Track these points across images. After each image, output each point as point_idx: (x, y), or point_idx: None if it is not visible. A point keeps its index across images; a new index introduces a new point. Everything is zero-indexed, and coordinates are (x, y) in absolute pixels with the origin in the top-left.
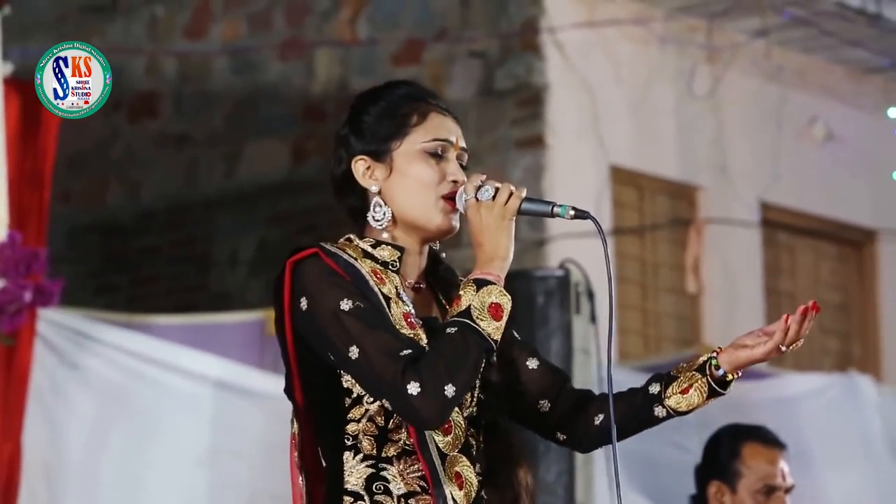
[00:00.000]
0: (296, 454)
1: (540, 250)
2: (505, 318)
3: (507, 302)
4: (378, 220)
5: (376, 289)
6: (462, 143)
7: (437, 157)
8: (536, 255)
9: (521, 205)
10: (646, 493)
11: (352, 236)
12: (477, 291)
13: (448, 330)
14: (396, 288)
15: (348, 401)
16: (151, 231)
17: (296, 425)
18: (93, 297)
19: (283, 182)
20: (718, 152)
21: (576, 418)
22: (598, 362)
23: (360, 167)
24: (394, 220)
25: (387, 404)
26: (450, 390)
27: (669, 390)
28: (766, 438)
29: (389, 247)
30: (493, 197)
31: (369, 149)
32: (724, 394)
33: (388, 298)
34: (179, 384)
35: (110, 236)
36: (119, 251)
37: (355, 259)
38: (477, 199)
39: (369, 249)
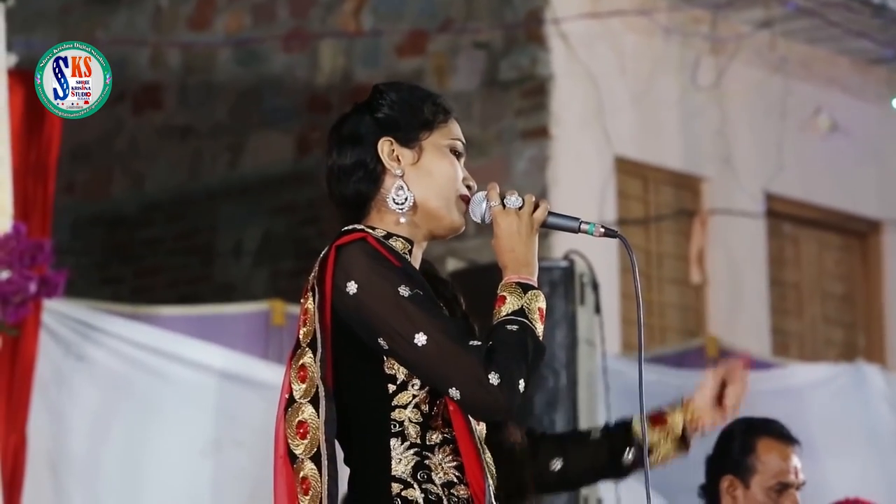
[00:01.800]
0: (301, 441)
1: (544, 241)
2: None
3: (545, 306)
4: (399, 204)
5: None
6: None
7: (456, 158)
8: (541, 246)
9: (547, 217)
10: (651, 484)
11: (360, 226)
12: (524, 294)
13: (509, 326)
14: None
15: (392, 387)
16: (155, 222)
17: (308, 411)
18: (97, 288)
19: (288, 173)
20: (723, 143)
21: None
22: (602, 353)
23: (387, 148)
24: (414, 206)
25: (454, 393)
26: (522, 385)
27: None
28: (780, 434)
29: (401, 239)
30: (521, 206)
31: (397, 133)
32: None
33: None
34: (184, 375)
35: (114, 228)
36: (123, 242)
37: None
38: (504, 206)
39: (383, 240)
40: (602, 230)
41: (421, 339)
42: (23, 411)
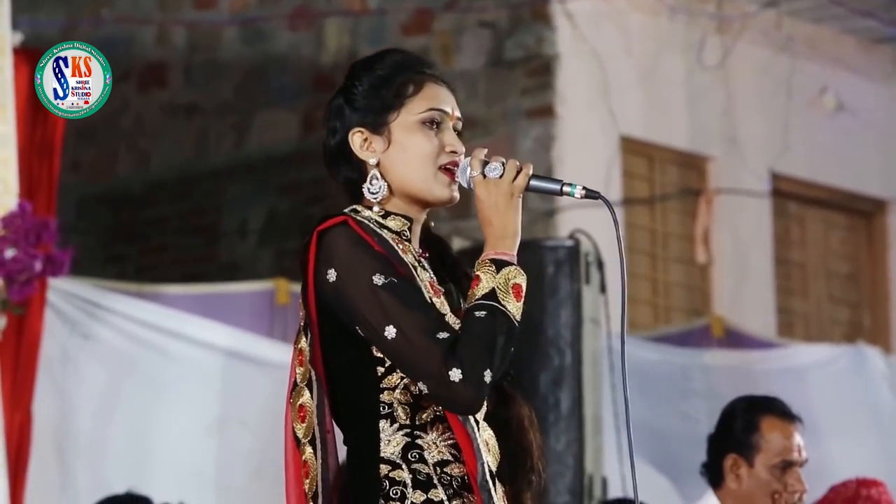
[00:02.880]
0: (301, 425)
1: (550, 220)
2: (523, 299)
3: (524, 281)
4: (374, 194)
5: (405, 259)
6: (457, 113)
7: (434, 127)
8: (546, 225)
9: (529, 182)
10: (654, 463)
11: (358, 207)
12: (498, 272)
13: (477, 313)
14: (414, 255)
15: (381, 369)
16: (161, 201)
17: (306, 395)
18: (102, 266)
19: (293, 152)
20: (728, 123)
21: None
22: (607, 332)
23: (358, 140)
24: (390, 192)
25: (422, 387)
26: (488, 375)
27: None
28: (783, 412)
29: (400, 217)
30: (502, 174)
31: (366, 121)
32: None
33: (414, 267)
34: (189, 353)
35: (120, 206)
36: (128, 221)
37: (378, 228)
38: (484, 176)
39: (380, 220)
40: (583, 192)
41: (391, 331)
42: (28, 389)
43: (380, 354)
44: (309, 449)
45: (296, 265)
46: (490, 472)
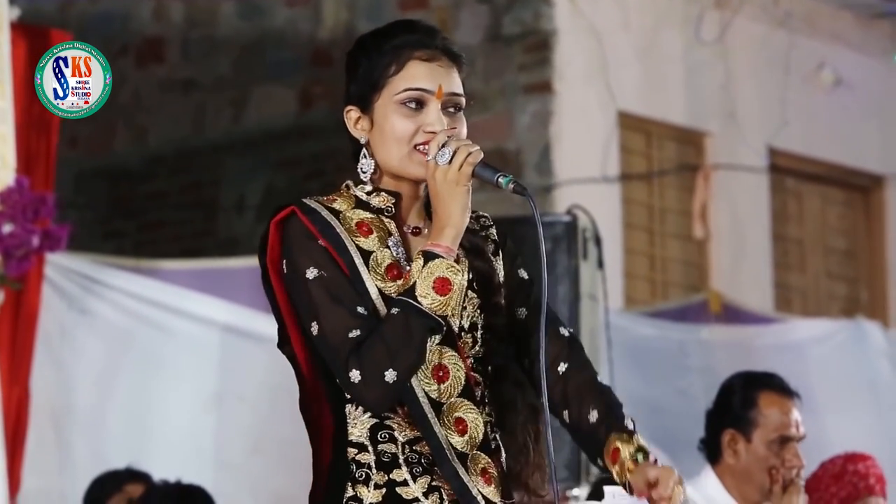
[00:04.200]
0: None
1: (547, 196)
2: (454, 292)
3: (454, 274)
4: (364, 172)
5: (352, 246)
6: (451, 89)
7: (416, 107)
8: (543, 200)
9: (474, 170)
10: (651, 439)
11: (349, 183)
12: (424, 265)
13: (392, 310)
14: (388, 235)
15: None
16: (158, 176)
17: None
18: (100, 242)
19: (290, 127)
20: (726, 98)
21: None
22: (605, 308)
23: (352, 117)
24: (379, 171)
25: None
26: (390, 375)
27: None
28: (781, 387)
29: (384, 193)
30: (450, 161)
31: (357, 100)
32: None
33: (368, 252)
34: (187, 328)
35: (117, 181)
36: (126, 196)
37: (340, 213)
38: (436, 163)
39: (364, 197)
40: (513, 185)
41: (314, 328)
42: (26, 365)
43: None
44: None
45: None
46: (458, 452)
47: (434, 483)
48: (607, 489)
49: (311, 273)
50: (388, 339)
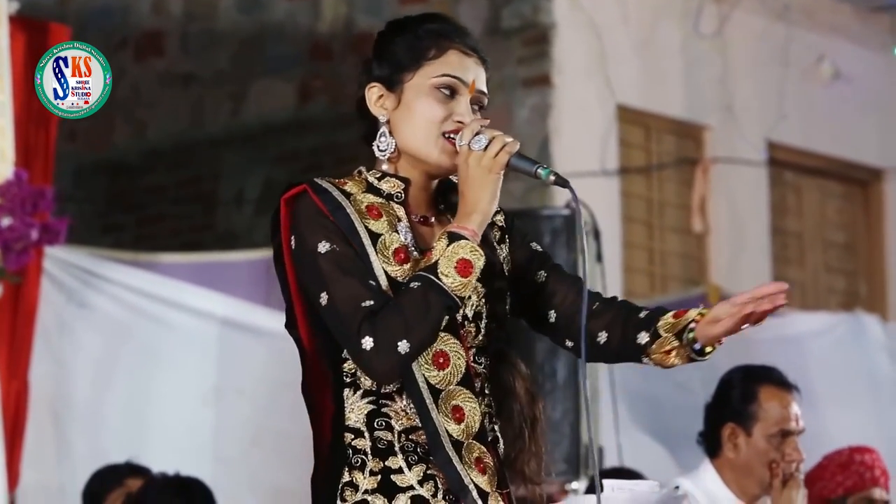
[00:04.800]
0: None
1: (546, 189)
2: (474, 275)
3: (477, 258)
4: (382, 151)
5: (362, 228)
6: (480, 87)
7: (449, 95)
8: (543, 194)
9: (510, 160)
10: (649, 432)
11: (362, 169)
12: (448, 245)
13: (412, 284)
14: (398, 221)
15: None
16: (157, 170)
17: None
18: (99, 235)
19: (290, 121)
20: (725, 91)
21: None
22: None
23: (373, 94)
24: (398, 151)
25: (347, 353)
26: (403, 346)
27: (654, 347)
28: (781, 381)
29: (394, 179)
30: (485, 148)
31: (383, 77)
32: (704, 360)
33: (377, 235)
34: (185, 322)
35: (116, 175)
36: (125, 190)
37: (351, 195)
38: (469, 148)
39: (374, 182)
40: (553, 178)
41: (324, 298)
42: (25, 358)
43: None
44: (308, 416)
45: None
46: (453, 441)
47: (429, 472)
48: (606, 482)
49: (323, 247)
50: (406, 310)
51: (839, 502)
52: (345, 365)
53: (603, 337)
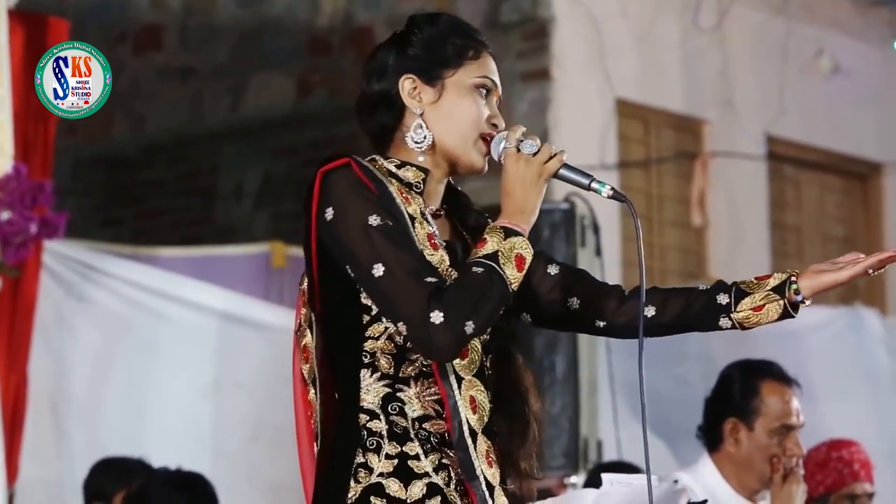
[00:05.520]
0: (306, 365)
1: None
2: (524, 271)
3: (529, 255)
4: (418, 143)
5: (403, 208)
6: (500, 91)
7: (484, 95)
8: None
9: (559, 170)
10: (648, 426)
11: (376, 157)
12: (505, 239)
13: (474, 268)
14: (420, 209)
15: (367, 317)
16: (157, 164)
17: (308, 336)
18: (98, 229)
19: (289, 115)
20: (724, 85)
21: (606, 306)
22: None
23: (408, 86)
24: (433, 145)
25: (401, 328)
26: (470, 326)
27: (741, 305)
28: (782, 376)
29: (414, 168)
30: (536, 153)
31: (421, 69)
32: (794, 317)
33: (413, 218)
34: (184, 316)
35: (115, 169)
36: (124, 184)
37: (384, 176)
38: (518, 150)
39: (394, 169)
40: (611, 192)
41: (379, 269)
42: (24, 352)
43: (367, 302)
44: (312, 389)
45: (292, 228)
46: (470, 430)
47: (443, 461)
48: (605, 476)
49: (374, 220)
50: (474, 292)
51: (822, 501)
52: (366, 344)
53: (651, 311)
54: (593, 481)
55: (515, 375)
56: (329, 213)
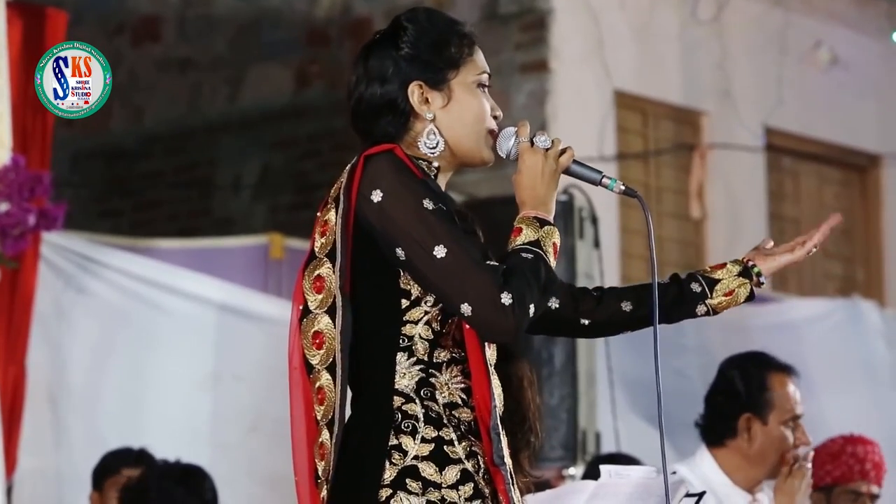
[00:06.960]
0: (317, 352)
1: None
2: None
3: (559, 243)
4: (432, 149)
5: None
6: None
7: (484, 90)
8: None
9: (570, 165)
10: (646, 418)
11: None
12: (541, 228)
13: (524, 254)
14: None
15: (405, 302)
16: (155, 155)
17: (324, 321)
18: (96, 221)
19: (287, 107)
20: (722, 77)
21: (586, 306)
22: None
23: (417, 94)
24: (448, 149)
25: (465, 308)
26: (532, 309)
27: (715, 291)
28: (784, 366)
29: (425, 163)
30: (549, 148)
31: (426, 75)
32: (754, 299)
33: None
34: (183, 307)
35: (114, 161)
36: (122, 176)
37: None
38: (532, 144)
39: (411, 157)
40: (622, 188)
41: (440, 251)
42: (22, 343)
43: (406, 286)
44: (326, 375)
45: (290, 220)
46: (500, 416)
47: (473, 448)
48: (603, 468)
49: (429, 204)
50: (532, 275)
51: (825, 491)
52: (404, 329)
53: (628, 306)
54: (592, 473)
55: (515, 372)
56: (377, 195)
